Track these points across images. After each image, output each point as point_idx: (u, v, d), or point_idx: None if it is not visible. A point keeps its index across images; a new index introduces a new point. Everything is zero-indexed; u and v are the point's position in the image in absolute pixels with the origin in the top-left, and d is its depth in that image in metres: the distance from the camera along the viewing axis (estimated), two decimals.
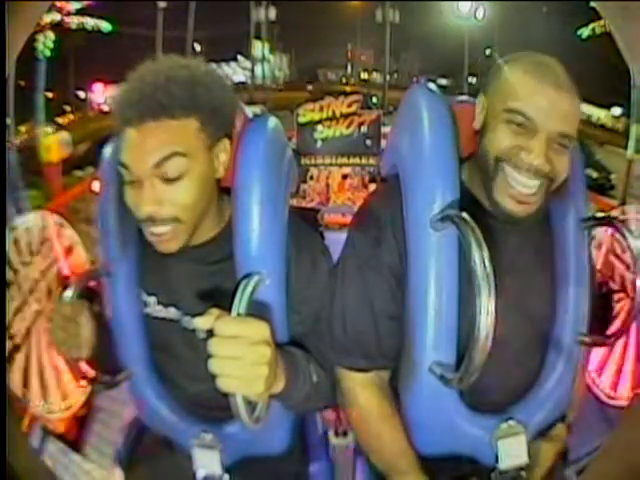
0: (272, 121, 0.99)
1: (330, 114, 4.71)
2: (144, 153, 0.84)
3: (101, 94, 14.19)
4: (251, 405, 0.72)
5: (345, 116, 4.71)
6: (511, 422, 0.95)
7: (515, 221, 0.91)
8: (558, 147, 0.87)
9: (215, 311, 0.70)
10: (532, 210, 0.90)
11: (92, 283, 1.02)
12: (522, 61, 0.91)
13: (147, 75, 0.86)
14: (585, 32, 10.90)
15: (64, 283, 1.12)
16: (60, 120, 12.26)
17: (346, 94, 4.87)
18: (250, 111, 1.03)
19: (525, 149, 0.87)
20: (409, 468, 0.97)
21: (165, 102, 0.84)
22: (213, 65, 0.96)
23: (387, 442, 0.98)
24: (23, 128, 8.85)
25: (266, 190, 0.92)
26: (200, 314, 0.70)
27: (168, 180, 0.85)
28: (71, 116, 13.23)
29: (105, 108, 13.76)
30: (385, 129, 4.67)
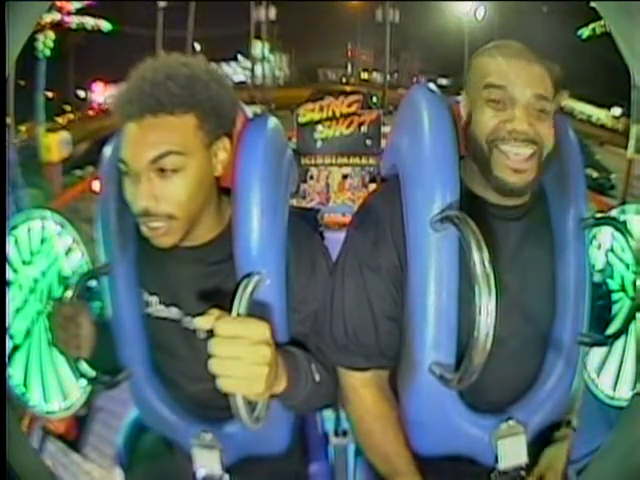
0: (272, 121, 0.99)
1: (330, 114, 4.70)
2: (142, 148, 0.85)
3: (101, 93, 14.18)
4: (251, 405, 0.72)
5: (345, 116, 4.71)
6: (511, 422, 0.95)
7: (515, 192, 0.93)
8: (538, 113, 0.90)
9: (215, 311, 0.70)
10: (529, 179, 0.92)
11: (92, 283, 1.02)
12: (486, 48, 0.97)
13: (147, 72, 0.87)
14: (585, 32, 10.87)
15: (64, 283, 1.12)
16: (60, 119, 12.25)
17: (346, 94, 4.86)
18: (250, 111, 1.04)
19: (508, 120, 0.90)
20: (404, 469, 0.97)
21: (163, 99, 0.85)
22: (213, 64, 0.97)
23: (381, 442, 0.98)
24: (23, 127, 8.85)
25: (266, 190, 0.93)
26: (201, 314, 0.70)
27: (164, 175, 0.86)
28: (71, 115, 13.22)
29: (105, 107, 13.76)
30: (385, 129, 4.66)
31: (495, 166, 0.91)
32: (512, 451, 0.96)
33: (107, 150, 1.02)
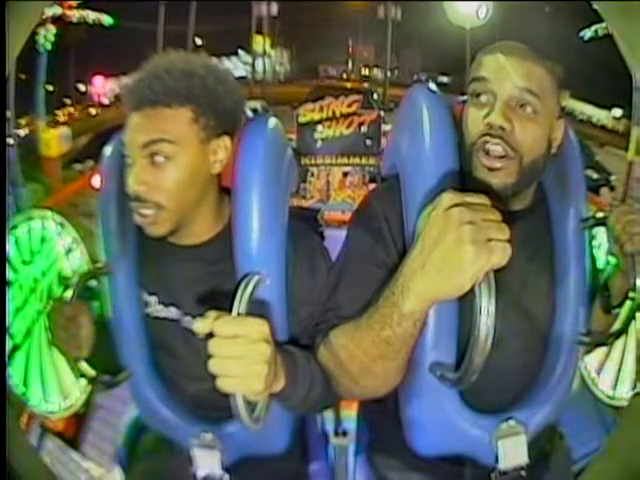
0: (272, 121, 1.00)
1: (330, 114, 4.69)
2: (136, 134, 0.90)
3: (102, 87, 14.16)
4: (251, 405, 0.72)
5: (345, 116, 4.69)
6: (511, 422, 0.95)
7: (493, 193, 0.89)
8: (522, 111, 0.89)
9: (213, 313, 0.69)
10: (506, 181, 0.90)
11: (92, 283, 1.02)
12: (487, 47, 0.94)
13: (150, 66, 0.92)
14: (587, 33, 10.83)
15: (64, 283, 1.11)
16: (60, 113, 12.24)
17: (346, 94, 4.84)
18: (250, 108, 1.04)
19: (487, 114, 0.89)
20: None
21: (159, 91, 0.89)
22: (217, 62, 0.98)
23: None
24: (23, 121, 8.85)
25: (266, 190, 0.93)
26: (200, 314, 0.70)
27: (156, 163, 0.90)
28: (71, 109, 13.21)
29: (105, 101, 13.75)
30: (385, 127, 4.66)
31: (474, 166, 0.91)
32: (512, 451, 0.95)
33: (108, 148, 1.03)
